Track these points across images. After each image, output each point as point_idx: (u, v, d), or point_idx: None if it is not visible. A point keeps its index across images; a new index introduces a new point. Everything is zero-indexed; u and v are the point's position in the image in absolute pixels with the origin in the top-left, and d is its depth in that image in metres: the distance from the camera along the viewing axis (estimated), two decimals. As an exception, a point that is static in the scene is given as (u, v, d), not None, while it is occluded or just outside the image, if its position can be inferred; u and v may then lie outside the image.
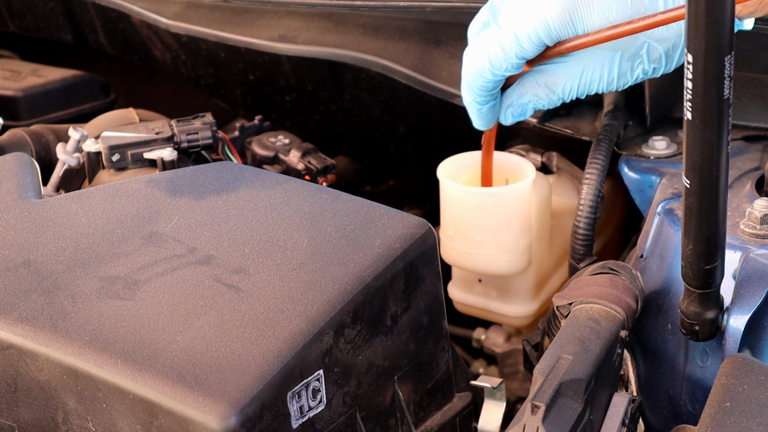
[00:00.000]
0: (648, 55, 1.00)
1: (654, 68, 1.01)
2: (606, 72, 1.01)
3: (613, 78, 1.01)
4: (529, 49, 0.99)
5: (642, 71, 1.01)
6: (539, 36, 0.98)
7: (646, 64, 1.01)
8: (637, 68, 1.01)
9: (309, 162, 1.25)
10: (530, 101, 1.04)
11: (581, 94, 1.03)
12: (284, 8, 1.35)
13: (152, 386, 0.79)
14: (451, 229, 1.13)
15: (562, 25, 0.97)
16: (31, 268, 0.91)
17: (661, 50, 1.00)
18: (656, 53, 1.00)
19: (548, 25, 0.97)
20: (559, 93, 1.03)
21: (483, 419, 1.01)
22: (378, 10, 1.28)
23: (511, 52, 0.99)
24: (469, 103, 1.05)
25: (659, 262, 0.99)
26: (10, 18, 1.68)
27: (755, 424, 0.78)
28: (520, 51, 0.99)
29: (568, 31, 0.98)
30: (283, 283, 0.87)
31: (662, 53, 1.00)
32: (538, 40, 0.98)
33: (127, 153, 1.12)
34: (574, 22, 0.97)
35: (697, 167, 0.77)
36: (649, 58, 1.00)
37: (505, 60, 1.00)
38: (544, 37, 0.98)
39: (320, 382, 0.84)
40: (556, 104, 1.04)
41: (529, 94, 1.04)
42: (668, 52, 1.00)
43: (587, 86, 1.02)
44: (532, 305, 1.19)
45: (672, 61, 1.01)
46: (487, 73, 1.01)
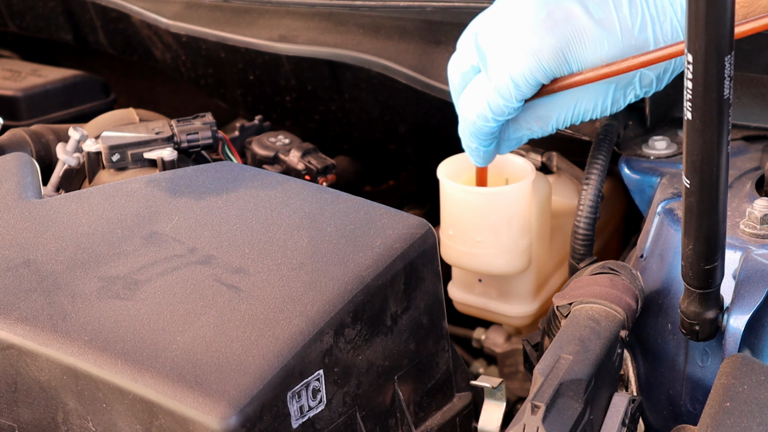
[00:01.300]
0: (640, 82, 1.02)
1: (645, 91, 1.03)
2: (600, 102, 1.03)
3: (606, 107, 1.03)
4: (527, 91, 1.00)
5: (634, 96, 1.03)
6: (535, 77, 0.99)
7: (638, 90, 1.03)
8: (629, 94, 1.03)
9: (309, 162, 1.25)
10: (524, 134, 1.06)
11: (575, 122, 1.05)
12: (284, 8, 1.35)
13: (152, 386, 0.79)
14: (451, 229, 1.13)
15: (557, 63, 0.98)
16: (31, 268, 0.91)
17: (652, 76, 1.02)
18: (648, 79, 1.02)
19: (542, 66, 0.98)
20: (553, 124, 1.05)
21: (483, 419, 1.01)
22: (378, 10, 1.28)
23: (511, 97, 1.00)
24: (470, 150, 1.07)
25: (659, 262, 0.99)
26: (10, 18, 1.68)
27: (755, 424, 0.78)
28: (519, 94, 1.00)
29: (562, 69, 0.99)
30: (283, 283, 0.87)
31: (653, 78, 1.02)
32: (535, 81, 0.99)
33: (127, 153, 1.12)
34: (567, 59, 0.98)
35: (697, 167, 0.77)
36: (641, 85, 1.02)
37: (506, 105, 1.01)
38: (541, 77, 0.99)
39: (320, 382, 0.84)
40: (550, 133, 1.06)
41: (523, 129, 1.06)
42: (659, 76, 1.02)
43: (580, 116, 1.04)
44: (532, 305, 1.19)
45: (662, 82, 1.03)
46: (491, 121, 1.03)
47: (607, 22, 0.97)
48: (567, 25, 0.97)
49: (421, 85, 1.23)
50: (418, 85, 1.24)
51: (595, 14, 0.97)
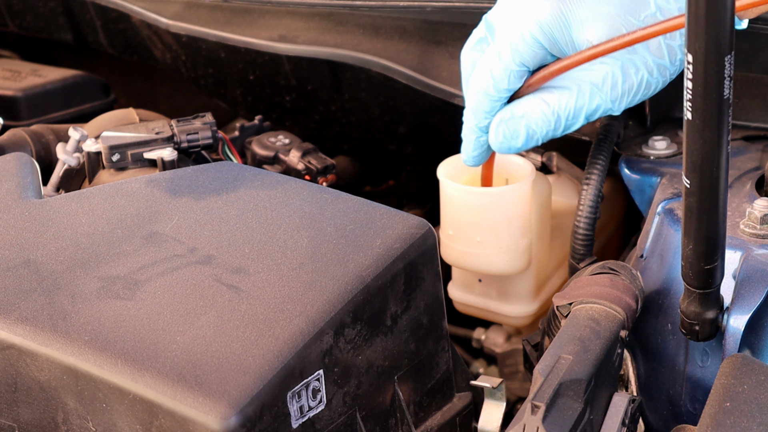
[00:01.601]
0: (646, 46, 0.96)
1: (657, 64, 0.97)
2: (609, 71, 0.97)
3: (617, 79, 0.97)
4: (526, 52, 0.98)
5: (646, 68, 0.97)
6: (534, 36, 0.97)
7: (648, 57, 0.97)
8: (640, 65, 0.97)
9: (309, 162, 1.25)
10: (523, 116, 1.00)
11: (579, 111, 0.98)
12: (284, 8, 1.35)
13: (152, 386, 0.79)
14: (451, 229, 1.13)
15: (556, 22, 0.96)
16: (31, 268, 0.91)
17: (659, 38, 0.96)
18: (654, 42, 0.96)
19: (541, 24, 0.96)
20: (555, 106, 0.99)
21: (483, 419, 1.01)
22: (378, 10, 1.28)
23: (509, 59, 0.98)
24: (469, 130, 1.03)
25: (659, 262, 0.99)
26: (10, 18, 1.68)
27: (755, 424, 0.78)
28: (518, 56, 0.98)
29: (562, 30, 0.97)
30: (283, 283, 0.87)
31: (661, 42, 0.96)
32: (534, 40, 0.97)
33: (127, 153, 1.12)
34: (567, 17, 0.96)
35: (697, 167, 0.77)
36: (648, 50, 0.97)
37: (505, 70, 0.98)
38: (539, 36, 0.97)
39: (320, 382, 0.84)
40: (550, 123, 0.99)
41: (521, 108, 1.00)
42: (666, 40, 0.96)
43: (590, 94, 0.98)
44: (532, 305, 1.19)
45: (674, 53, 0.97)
46: (491, 90, 1.00)
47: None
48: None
49: (421, 85, 1.23)
50: (418, 85, 1.24)
51: None
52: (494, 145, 1.03)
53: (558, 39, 0.97)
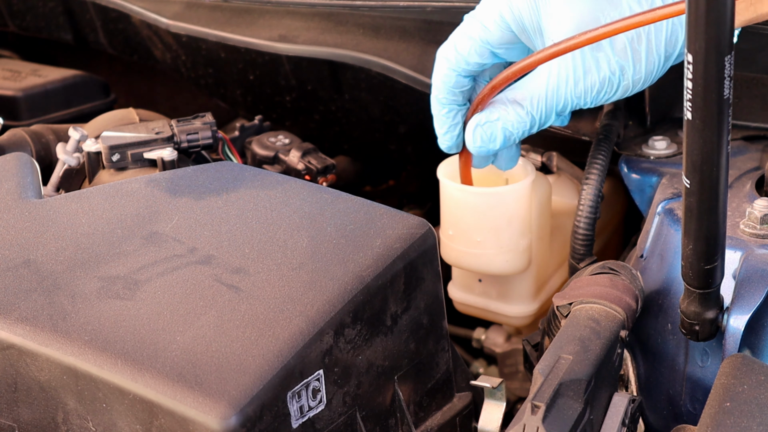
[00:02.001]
0: (610, 44, 0.96)
1: (620, 65, 0.97)
2: (571, 69, 0.97)
3: (579, 76, 0.97)
4: (493, 30, 0.99)
5: (608, 68, 0.97)
6: (503, 17, 0.99)
7: (611, 56, 0.96)
8: (602, 63, 0.97)
9: (309, 162, 1.25)
10: (499, 119, 1.01)
11: (551, 107, 0.99)
12: (284, 8, 1.35)
13: (152, 386, 0.79)
14: (451, 229, 1.13)
15: (527, 9, 0.98)
16: (31, 268, 0.91)
17: (624, 38, 0.96)
18: (619, 43, 0.96)
19: (512, 7, 0.98)
20: (527, 106, 1.00)
21: (483, 419, 1.00)
22: (378, 10, 1.28)
23: (476, 35, 1.00)
24: (432, 104, 1.05)
25: (659, 262, 0.99)
26: (10, 18, 1.68)
27: (755, 424, 0.78)
28: (485, 33, 1.00)
29: (531, 17, 0.98)
30: (283, 283, 0.87)
31: (626, 43, 0.96)
32: (502, 21, 0.99)
33: (127, 153, 1.12)
34: (537, 6, 0.97)
35: (697, 167, 0.77)
36: (612, 48, 0.96)
37: (470, 44, 1.00)
38: (509, 18, 0.98)
39: (320, 382, 0.84)
40: (526, 124, 1.00)
41: (496, 111, 1.01)
42: (632, 43, 0.96)
43: (555, 93, 0.98)
44: (532, 305, 1.19)
45: (639, 57, 0.97)
46: (452, 60, 1.01)
47: None
48: None
49: (421, 85, 1.23)
50: (418, 85, 1.24)
51: None
52: (472, 149, 1.04)
53: (527, 26, 0.99)
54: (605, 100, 1.00)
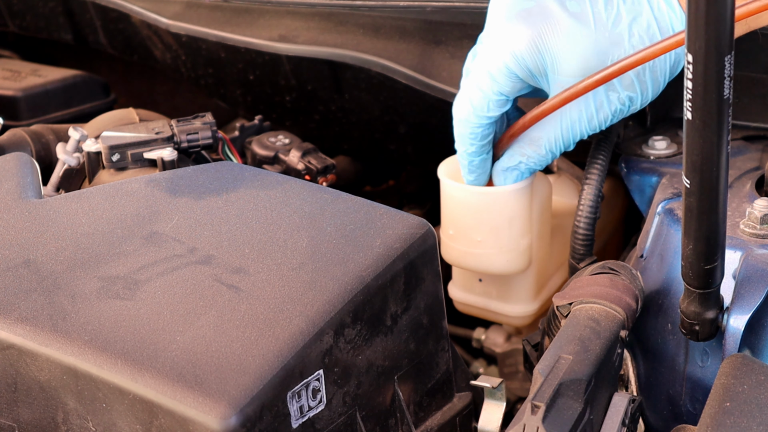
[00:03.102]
0: (618, 81, 1.01)
1: (629, 97, 1.02)
2: (584, 108, 1.03)
3: (592, 114, 1.03)
4: (503, 82, 1.02)
5: (618, 101, 1.02)
6: (509, 68, 1.01)
7: (621, 92, 1.02)
8: (612, 98, 1.02)
9: (309, 162, 1.25)
10: (520, 162, 1.07)
11: (568, 142, 1.05)
12: (284, 8, 1.35)
13: (152, 386, 0.79)
14: (451, 228, 1.13)
15: (531, 54, 1.00)
16: (31, 268, 0.91)
17: (630, 75, 1.01)
18: (627, 79, 1.01)
19: (516, 57, 1.01)
20: (546, 146, 1.06)
21: (483, 419, 1.00)
22: (378, 10, 1.28)
23: (488, 89, 1.03)
24: (461, 155, 1.09)
25: (659, 262, 0.99)
26: (10, 18, 1.68)
27: (755, 424, 0.78)
28: (496, 86, 1.02)
29: (536, 61, 1.01)
30: (283, 283, 0.87)
31: (633, 78, 1.01)
32: (509, 71, 1.01)
33: (127, 153, 1.12)
34: (541, 51, 1.00)
35: (697, 167, 0.77)
36: (620, 85, 1.01)
37: (484, 98, 1.03)
38: (515, 68, 1.01)
39: (320, 382, 0.84)
40: (547, 160, 1.07)
41: (517, 155, 1.07)
42: (638, 76, 1.01)
43: (570, 131, 1.04)
44: (532, 305, 1.19)
45: (645, 87, 1.02)
46: (472, 117, 1.05)
47: (582, 15, 0.99)
48: (541, 17, 1.00)
49: (421, 85, 1.23)
50: (418, 85, 1.24)
51: (570, 8, 1.00)
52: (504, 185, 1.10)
53: (533, 71, 1.02)
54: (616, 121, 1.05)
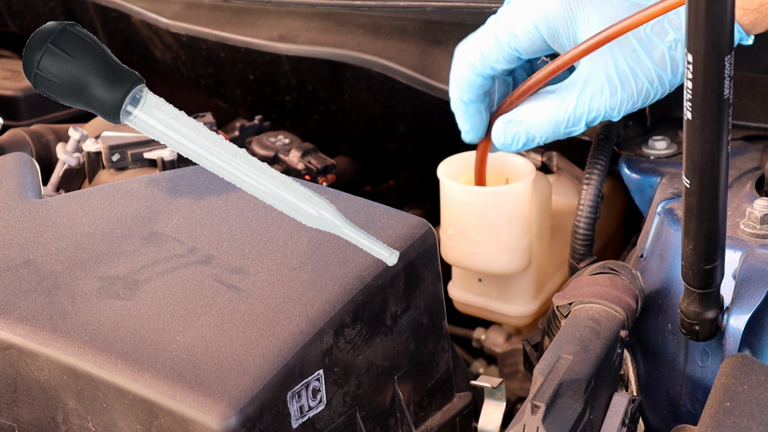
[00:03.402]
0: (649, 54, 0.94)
1: (658, 75, 0.95)
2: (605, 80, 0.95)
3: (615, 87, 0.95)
4: (524, 38, 0.97)
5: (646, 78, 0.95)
6: (537, 26, 0.96)
7: (650, 67, 0.95)
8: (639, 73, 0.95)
9: (309, 162, 1.25)
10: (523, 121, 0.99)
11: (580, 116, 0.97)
12: (284, 8, 1.35)
13: (152, 386, 0.79)
14: (451, 228, 1.13)
15: (562, 18, 0.95)
16: (31, 268, 0.91)
17: (663, 47, 0.94)
18: (658, 51, 0.95)
19: (548, 16, 0.96)
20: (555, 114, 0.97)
21: (483, 419, 1.01)
22: (378, 10, 1.28)
23: (506, 42, 0.97)
24: (454, 103, 1.03)
25: (659, 262, 0.99)
26: (10, 18, 1.68)
27: (755, 424, 0.78)
28: (515, 41, 0.97)
29: (567, 26, 0.96)
30: (283, 283, 0.87)
31: (665, 51, 0.95)
32: (536, 30, 0.96)
33: (127, 153, 1.12)
34: (575, 14, 0.95)
35: (697, 167, 0.77)
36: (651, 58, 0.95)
37: (497, 49, 0.98)
38: (543, 28, 0.96)
39: (320, 382, 0.84)
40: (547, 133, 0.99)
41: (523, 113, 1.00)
42: (671, 50, 0.95)
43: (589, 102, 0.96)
44: (532, 305, 1.19)
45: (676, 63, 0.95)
46: (477, 64, 0.99)
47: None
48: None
49: (421, 85, 1.23)
50: (418, 85, 1.24)
51: None
52: (497, 144, 1.03)
53: (561, 34, 0.96)
54: (638, 108, 0.98)
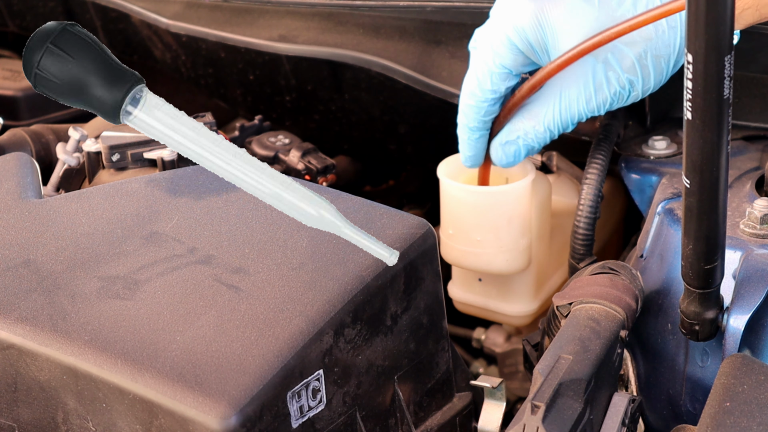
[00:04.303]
0: (619, 63, 1.00)
1: (629, 80, 1.00)
2: (582, 87, 1.01)
3: (590, 94, 1.01)
4: (504, 54, 1.02)
5: (618, 83, 1.00)
6: (511, 41, 1.01)
7: (620, 74, 1.00)
8: (612, 79, 1.00)
9: (309, 162, 1.25)
10: (519, 137, 1.06)
11: (566, 122, 1.03)
12: (284, 8, 1.35)
13: (152, 386, 0.79)
14: (451, 228, 1.13)
15: (532, 29, 1.00)
16: (31, 268, 0.91)
17: (631, 56, 0.99)
18: (627, 60, 0.99)
19: (517, 29, 1.00)
20: (543, 122, 1.04)
21: (483, 419, 1.01)
22: (378, 10, 1.28)
23: (491, 61, 1.02)
24: (461, 129, 1.08)
25: (659, 262, 0.99)
26: (10, 18, 1.68)
27: (755, 423, 0.78)
28: (498, 58, 1.02)
29: (537, 37, 1.00)
30: (283, 283, 0.87)
31: (634, 60, 0.99)
32: (510, 43, 1.01)
33: (127, 153, 1.12)
34: (541, 23, 1.00)
35: (697, 167, 0.77)
36: (621, 66, 1.00)
37: (487, 71, 1.03)
38: (516, 41, 1.01)
39: (320, 381, 0.84)
40: (545, 139, 1.05)
41: (515, 130, 1.06)
42: (640, 60, 0.99)
43: (568, 110, 1.02)
44: (532, 305, 1.19)
45: (647, 72, 1.00)
46: (477, 91, 1.04)
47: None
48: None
49: (421, 85, 1.23)
50: (418, 85, 1.24)
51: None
52: (499, 165, 1.09)
53: (534, 45, 1.01)
54: (615, 107, 1.03)
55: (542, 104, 1.04)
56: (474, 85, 1.04)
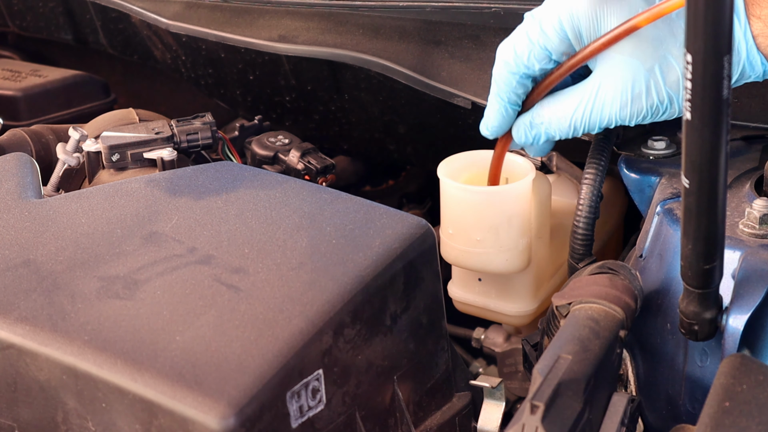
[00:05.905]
0: (664, 75, 0.97)
1: (669, 95, 0.98)
2: (620, 90, 0.99)
3: (626, 100, 0.99)
4: (551, 36, 0.99)
5: (657, 96, 0.98)
6: (562, 23, 0.99)
7: (662, 86, 0.98)
8: (653, 90, 0.98)
9: (309, 162, 1.25)
10: (542, 123, 1.04)
11: (594, 123, 1.01)
12: (284, 8, 1.35)
13: (152, 386, 0.79)
14: (451, 227, 1.13)
15: (587, 15, 0.98)
16: (31, 268, 0.91)
17: (678, 71, 0.97)
18: (673, 74, 0.97)
19: (572, 14, 0.98)
20: (572, 117, 1.01)
21: (482, 419, 1.01)
22: (378, 10, 1.28)
23: (535, 39, 1.00)
24: (490, 98, 1.05)
25: (658, 262, 1.00)
26: (10, 18, 1.68)
27: (754, 423, 0.78)
28: (543, 38, 1.00)
29: (590, 24, 0.98)
30: (283, 283, 0.87)
31: (680, 76, 0.97)
32: (561, 27, 0.99)
33: (127, 153, 1.13)
34: (598, 15, 0.98)
35: (696, 167, 0.77)
36: (665, 79, 0.98)
37: (528, 47, 1.00)
38: (567, 24, 0.99)
39: (320, 381, 0.84)
40: (567, 134, 1.03)
41: (542, 116, 1.04)
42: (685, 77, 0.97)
43: (600, 111, 1.00)
44: (531, 304, 1.19)
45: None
46: (512, 62, 1.02)
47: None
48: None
49: (421, 85, 1.23)
50: (418, 85, 1.24)
51: None
52: (518, 141, 1.07)
53: (584, 35, 0.99)
54: (648, 121, 1.02)
55: (575, 99, 1.01)
56: (510, 56, 1.02)
